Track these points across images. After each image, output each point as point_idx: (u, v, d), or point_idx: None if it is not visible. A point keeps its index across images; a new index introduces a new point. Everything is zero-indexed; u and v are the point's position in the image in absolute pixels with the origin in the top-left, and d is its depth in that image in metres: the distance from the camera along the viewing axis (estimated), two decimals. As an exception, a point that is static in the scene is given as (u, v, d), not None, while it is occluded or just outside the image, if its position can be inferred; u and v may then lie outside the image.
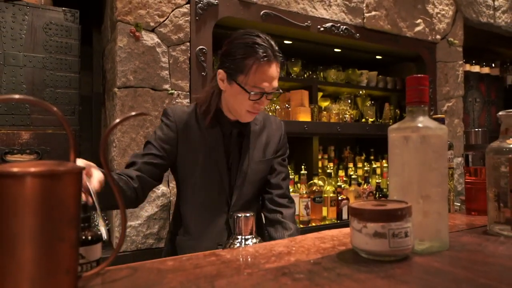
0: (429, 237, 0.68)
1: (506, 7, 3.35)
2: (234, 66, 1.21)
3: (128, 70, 1.75)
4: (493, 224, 0.82)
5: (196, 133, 1.32)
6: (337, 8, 2.40)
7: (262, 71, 1.20)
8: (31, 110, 1.69)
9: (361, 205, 0.64)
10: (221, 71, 1.25)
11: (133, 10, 1.78)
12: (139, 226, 1.76)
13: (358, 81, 2.86)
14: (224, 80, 1.25)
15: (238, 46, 1.21)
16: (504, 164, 0.80)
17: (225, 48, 1.25)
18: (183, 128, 1.31)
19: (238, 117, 1.31)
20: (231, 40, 1.25)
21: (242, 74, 1.20)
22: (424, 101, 0.71)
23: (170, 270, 0.59)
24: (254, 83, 1.20)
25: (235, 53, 1.21)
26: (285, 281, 0.52)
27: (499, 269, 0.58)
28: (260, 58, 1.18)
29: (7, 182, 0.44)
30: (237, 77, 1.21)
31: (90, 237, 0.60)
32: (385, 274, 0.55)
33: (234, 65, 1.21)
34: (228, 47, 1.24)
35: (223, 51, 1.26)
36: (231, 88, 1.24)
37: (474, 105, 3.59)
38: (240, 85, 1.21)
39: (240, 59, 1.19)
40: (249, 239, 0.83)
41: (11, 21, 1.66)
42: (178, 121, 1.31)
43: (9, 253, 0.44)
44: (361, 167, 2.81)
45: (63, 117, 0.51)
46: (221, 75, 1.25)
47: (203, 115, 1.32)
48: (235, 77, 1.21)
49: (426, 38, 2.81)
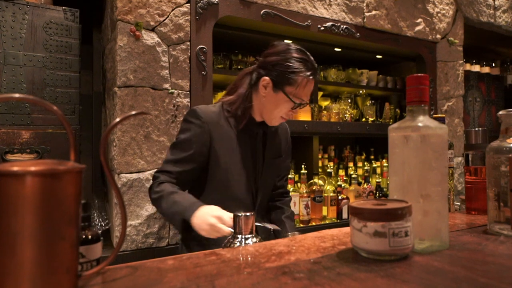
0: (429, 236, 0.68)
1: (506, 6, 3.35)
2: (283, 78, 1.31)
3: (128, 69, 1.75)
4: (493, 223, 0.82)
5: (226, 133, 1.36)
6: (337, 7, 2.40)
7: (308, 86, 1.34)
8: (31, 109, 1.69)
9: (361, 205, 0.64)
10: (267, 79, 1.33)
11: (133, 9, 1.78)
12: (139, 225, 1.76)
13: (358, 80, 2.86)
14: (268, 87, 1.34)
15: (291, 60, 1.31)
16: (504, 164, 0.80)
17: (274, 59, 1.33)
18: (214, 128, 1.34)
19: (268, 121, 1.40)
20: (280, 52, 1.33)
21: (290, 86, 1.31)
22: (424, 101, 0.71)
23: (171, 269, 0.59)
24: (299, 95, 1.33)
25: (287, 66, 1.30)
26: (285, 280, 0.52)
27: (499, 268, 0.58)
28: (309, 75, 1.32)
29: (7, 181, 0.44)
30: (284, 88, 1.32)
31: (90, 236, 0.60)
32: (385, 273, 0.55)
33: (283, 76, 1.31)
34: (279, 59, 1.32)
35: (271, 61, 1.33)
36: (275, 95, 1.34)
37: (474, 104, 3.59)
38: (288, 96, 1.32)
39: (291, 73, 1.30)
40: (249, 238, 0.83)
41: (11, 20, 1.66)
42: (209, 122, 1.34)
43: (9, 252, 0.44)
44: (361, 166, 2.81)
45: (63, 116, 0.51)
46: (266, 82, 1.33)
47: (236, 116, 1.38)
48: (282, 87, 1.32)
49: (426, 38, 2.81)
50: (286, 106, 1.35)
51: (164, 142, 1.83)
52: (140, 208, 1.76)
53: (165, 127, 1.84)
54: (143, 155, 1.78)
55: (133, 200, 1.74)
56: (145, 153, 1.78)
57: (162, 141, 1.82)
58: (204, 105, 1.40)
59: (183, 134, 1.34)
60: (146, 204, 1.78)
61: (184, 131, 1.34)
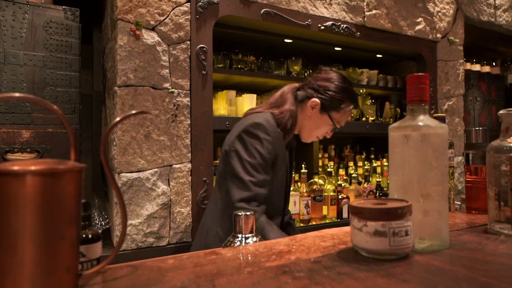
0: (429, 235, 0.68)
1: (507, 5, 3.35)
2: (332, 103, 1.45)
3: (128, 68, 1.75)
4: (494, 222, 0.82)
5: (282, 147, 1.42)
6: (337, 6, 2.40)
7: (348, 115, 1.51)
8: (31, 108, 1.69)
9: (361, 204, 0.64)
10: (316, 101, 1.45)
11: (133, 8, 1.78)
12: (140, 224, 1.76)
13: (358, 79, 2.86)
14: (315, 109, 1.46)
15: (341, 89, 1.46)
16: (505, 163, 0.79)
17: (327, 85, 1.45)
18: (279, 143, 1.41)
19: (304, 137, 1.55)
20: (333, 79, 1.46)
21: (336, 112, 1.46)
22: (424, 100, 0.71)
23: (171, 268, 0.59)
24: (340, 121, 1.50)
25: (337, 94, 1.45)
26: (285, 280, 0.52)
27: (499, 267, 0.58)
28: (353, 107, 1.50)
29: (7, 180, 0.44)
30: (330, 112, 1.46)
31: (91, 236, 0.60)
32: (385, 272, 0.55)
33: (333, 102, 1.45)
34: (331, 86, 1.45)
35: (323, 85, 1.45)
36: (320, 117, 1.47)
37: (475, 104, 3.58)
38: (332, 120, 1.47)
39: (340, 101, 1.45)
40: (249, 237, 0.83)
41: (11, 20, 1.66)
42: (276, 138, 1.39)
43: (9, 251, 0.44)
44: (361, 166, 2.81)
45: (63, 115, 0.51)
46: (315, 103, 1.45)
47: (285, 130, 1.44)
48: (329, 111, 1.46)
49: (427, 37, 2.81)
50: (326, 128, 1.51)
51: (164, 141, 1.83)
52: (140, 208, 1.76)
53: (165, 127, 1.84)
54: (143, 154, 1.78)
55: (133, 200, 1.75)
56: (145, 152, 1.78)
57: (162, 141, 1.82)
58: (264, 118, 1.39)
59: (258, 153, 1.33)
60: (146, 203, 1.78)
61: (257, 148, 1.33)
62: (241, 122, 1.43)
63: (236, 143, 1.35)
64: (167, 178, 1.84)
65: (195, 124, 1.91)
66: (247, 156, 1.32)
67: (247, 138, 1.34)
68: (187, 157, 1.89)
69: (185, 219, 1.88)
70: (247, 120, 1.40)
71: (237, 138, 1.35)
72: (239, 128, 1.38)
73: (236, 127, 1.43)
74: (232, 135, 1.41)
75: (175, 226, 1.85)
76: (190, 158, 1.90)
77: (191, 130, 1.90)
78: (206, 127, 1.94)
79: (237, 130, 1.38)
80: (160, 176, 1.82)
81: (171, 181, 1.85)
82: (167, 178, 1.84)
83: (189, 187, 1.89)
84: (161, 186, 1.82)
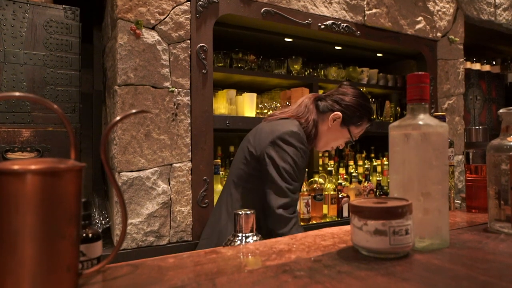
0: (429, 234, 0.68)
1: (507, 4, 3.34)
2: (352, 118, 1.53)
3: (128, 67, 1.75)
4: (494, 221, 0.82)
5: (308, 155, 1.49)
6: (337, 5, 2.40)
7: (364, 130, 1.59)
8: (31, 108, 1.69)
9: (361, 203, 0.64)
10: (339, 114, 1.52)
11: (133, 7, 1.77)
12: (140, 223, 1.76)
13: (358, 78, 2.86)
14: (336, 121, 1.53)
15: (362, 106, 1.53)
16: (505, 162, 0.79)
17: (350, 100, 1.52)
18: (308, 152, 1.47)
19: (320, 147, 1.60)
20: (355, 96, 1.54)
21: (355, 127, 1.55)
22: (424, 99, 0.71)
23: (171, 267, 0.59)
24: (356, 135, 1.58)
25: (358, 110, 1.52)
26: (285, 279, 0.53)
27: (500, 266, 0.58)
28: (371, 124, 1.59)
29: (8, 180, 0.44)
30: (350, 126, 1.54)
31: (91, 235, 0.60)
32: (385, 271, 0.55)
33: (353, 117, 1.53)
34: (354, 103, 1.52)
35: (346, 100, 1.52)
36: (339, 130, 1.54)
37: (475, 102, 3.58)
38: (350, 133, 1.55)
39: (360, 117, 1.54)
40: (249, 236, 0.83)
41: (11, 19, 1.66)
42: (307, 147, 1.45)
43: (10, 251, 0.44)
44: (361, 164, 2.81)
45: (63, 114, 0.51)
46: (337, 116, 1.52)
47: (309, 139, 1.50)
48: (349, 125, 1.54)
49: (427, 36, 2.81)
50: (343, 141, 1.59)
51: (165, 140, 1.83)
52: (141, 207, 1.76)
53: (166, 126, 1.84)
54: (144, 153, 1.78)
55: (133, 199, 1.75)
56: (145, 151, 1.78)
57: (162, 140, 1.82)
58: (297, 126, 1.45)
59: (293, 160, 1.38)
60: (146, 202, 1.78)
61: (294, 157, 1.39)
62: (272, 127, 1.45)
63: (270, 149, 1.39)
64: (167, 177, 1.84)
65: (195, 123, 1.91)
66: (283, 163, 1.37)
67: (283, 145, 1.38)
68: (187, 156, 1.89)
69: (185, 218, 1.88)
70: (280, 126, 1.43)
71: (271, 144, 1.39)
72: (272, 134, 1.41)
73: (266, 132, 1.45)
74: (262, 139, 1.43)
75: (175, 225, 1.85)
76: (190, 157, 1.90)
77: (191, 129, 1.90)
78: (206, 126, 1.94)
79: (270, 135, 1.41)
80: (161, 175, 1.82)
81: (171, 180, 1.85)
82: (167, 177, 1.84)
83: (189, 186, 1.89)
84: (161, 185, 1.82)
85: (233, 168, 1.54)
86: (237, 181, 1.47)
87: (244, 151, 1.48)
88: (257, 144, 1.43)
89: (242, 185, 1.45)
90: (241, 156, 1.49)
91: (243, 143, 1.55)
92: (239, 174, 1.47)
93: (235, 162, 1.53)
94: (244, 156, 1.47)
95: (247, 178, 1.44)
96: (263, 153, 1.39)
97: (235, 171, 1.51)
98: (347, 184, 2.53)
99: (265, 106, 2.42)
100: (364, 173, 2.76)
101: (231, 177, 1.52)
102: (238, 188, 1.46)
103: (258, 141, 1.44)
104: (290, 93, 2.53)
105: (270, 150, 1.38)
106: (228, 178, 1.56)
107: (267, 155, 1.38)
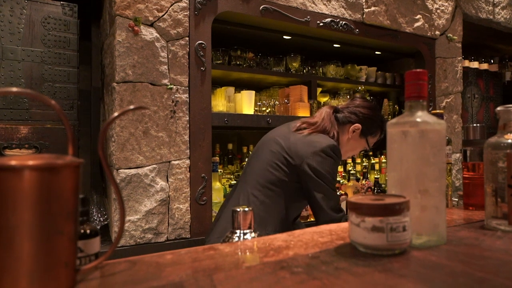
0: (426, 231, 0.68)
1: (505, 3, 3.35)
2: (370, 129, 1.65)
3: (127, 64, 1.75)
4: (491, 218, 0.82)
5: None
6: (336, 3, 2.39)
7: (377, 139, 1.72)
8: (29, 104, 1.69)
9: (359, 200, 0.64)
10: (359, 125, 1.63)
11: (132, 4, 1.77)
12: (138, 220, 1.76)
13: (357, 76, 2.86)
14: (355, 132, 1.64)
15: (378, 117, 1.67)
16: (502, 159, 0.80)
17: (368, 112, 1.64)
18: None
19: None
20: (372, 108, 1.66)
21: (372, 137, 1.68)
22: (423, 96, 0.71)
23: (169, 263, 0.59)
24: (371, 144, 1.71)
25: (374, 121, 1.65)
26: (283, 275, 0.53)
27: (496, 263, 0.58)
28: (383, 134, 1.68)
29: (5, 176, 0.44)
30: (368, 137, 1.67)
31: (89, 231, 0.60)
32: (382, 267, 0.55)
33: (371, 129, 1.66)
34: (372, 115, 1.64)
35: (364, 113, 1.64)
36: (358, 140, 1.66)
37: (473, 101, 3.59)
38: (368, 143, 1.68)
39: (376, 129, 1.67)
40: (247, 233, 0.83)
41: (9, 15, 1.65)
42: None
43: (7, 247, 0.44)
44: (359, 162, 2.82)
45: (61, 110, 0.51)
46: (357, 128, 1.63)
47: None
48: (366, 135, 1.66)
49: (425, 34, 2.81)
50: (359, 149, 1.71)
51: (163, 137, 1.83)
52: (139, 204, 1.76)
53: (164, 123, 1.83)
54: (142, 150, 1.78)
55: (131, 196, 1.75)
56: (143, 148, 1.78)
57: (160, 137, 1.82)
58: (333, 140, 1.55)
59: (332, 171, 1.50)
60: (144, 199, 1.78)
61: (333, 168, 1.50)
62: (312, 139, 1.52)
63: (312, 160, 1.47)
64: (165, 174, 1.84)
65: (193, 121, 1.91)
66: (325, 172, 1.47)
67: (325, 157, 1.48)
68: (186, 153, 1.89)
69: (183, 215, 1.88)
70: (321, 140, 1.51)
71: (314, 155, 1.47)
72: (313, 146, 1.49)
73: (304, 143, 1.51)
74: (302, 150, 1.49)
75: (174, 222, 1.85)
76: (189, 154, 1.90)
77: (189, 127, 1.90)
78: (205, 124, 1.94)
79: (311, 147, 1.49)
80: (159, 172, 1.82)
81: (170, 177, 1.85)
82: (166, 174, 1.84)
83: (187, 183, 1.89)
84: (159, 182, 1.82)
85: (257, 169, 1.54)
86: (265, 184, 1.49)
87: (276, 157, 1.51)
88: (295, 155, 1.50)
89: (272, 188, 1.49)
90: (270, 160, 1.51)
91: (271, 146, 1.55)
92: (269, 178, 1.49)
93: (261, 164, 1.53)
94: (276, 162, 1.50)
95: (278, 183, 1.48)
96: (305, 164, 1.47)
97: (261, 172, 1.51)
98: (345, 181, 2.53)
99: (263, 104, 2.41)
100: (362, 171, 2.77)
101: (253, 177, 1.52)
102: (265, 190, 1.48)
103: (295, 151, 1.50)
104: (288, 90, 2.53)
105: (312, 161, 1.47)
106: (246, 177, 1.55)
107: (310, 165, 1.46)
